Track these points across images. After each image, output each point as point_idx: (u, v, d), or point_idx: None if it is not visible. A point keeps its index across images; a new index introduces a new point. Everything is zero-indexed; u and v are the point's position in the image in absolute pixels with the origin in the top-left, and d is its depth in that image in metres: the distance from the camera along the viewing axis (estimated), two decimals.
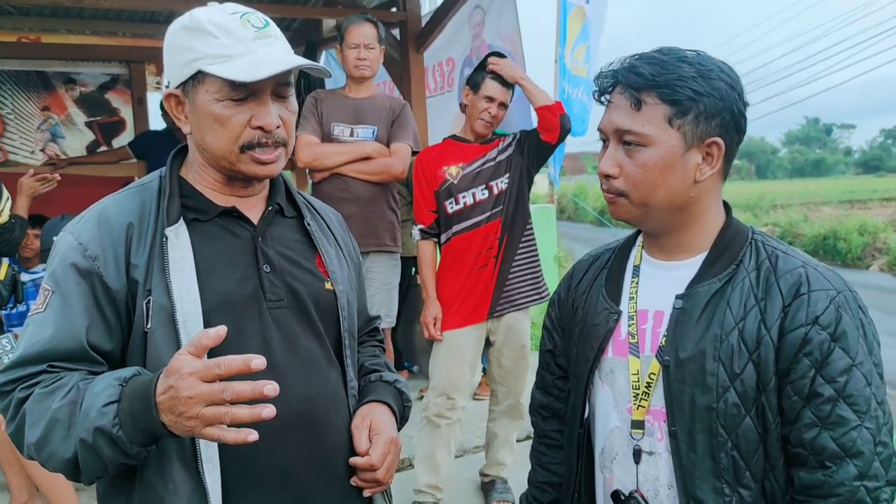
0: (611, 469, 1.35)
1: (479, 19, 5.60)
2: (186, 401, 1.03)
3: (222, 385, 1.03)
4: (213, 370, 1.02)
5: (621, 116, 1.21)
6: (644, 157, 1.20)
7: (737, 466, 1.20)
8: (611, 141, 1.24)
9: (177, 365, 1.05)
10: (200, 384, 1.02)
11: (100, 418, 1.07)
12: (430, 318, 3.22)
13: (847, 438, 1.14)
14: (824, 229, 15.43)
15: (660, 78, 1.18)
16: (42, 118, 6.14)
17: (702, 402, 1.20)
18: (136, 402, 1.07)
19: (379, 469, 1.33)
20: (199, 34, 1.21)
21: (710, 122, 1.20)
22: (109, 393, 1.09)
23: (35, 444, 1.13)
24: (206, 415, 1.03)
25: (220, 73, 1.18)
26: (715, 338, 1.20)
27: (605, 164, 1.24)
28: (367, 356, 1.55)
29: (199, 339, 1.06)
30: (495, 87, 3.10)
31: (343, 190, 3.43)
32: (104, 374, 1.15)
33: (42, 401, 1.13)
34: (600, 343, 1.35)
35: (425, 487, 3.21)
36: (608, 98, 1.26)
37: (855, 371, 1.14)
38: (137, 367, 1.15)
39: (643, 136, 1.19)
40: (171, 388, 1.04)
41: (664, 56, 1.21)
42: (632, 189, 1.23)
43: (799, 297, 1.17)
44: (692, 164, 1.21)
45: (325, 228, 1.46)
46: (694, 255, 1.28)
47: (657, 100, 1.19)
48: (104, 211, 1.25)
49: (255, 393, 1.02)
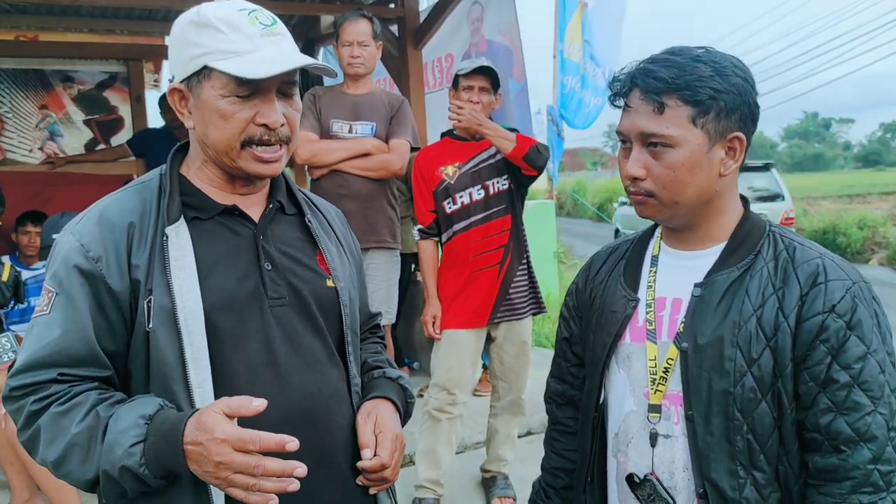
0: (626, 453, 1.37)
1: (478, 14, 5.60)
2: (217, 465, 1.07)
3: (255, 460, 1.07)
4: (248, 446, 1.06)
5: (644, 120, 1.24)
6: (671, 157, 1.23)
7: (751, 450, 1.24)
8: (634, 144, 1.27)
9: (210, 424, 1.08)
10: (233, 453, 1.06)
11: (126, 458, 1.09)
12: (429, 317, 3.23)
13: (862, 423, 1.17)
14: (824, 223, 15.40)
15: (679, 80, 1.21)
16: (40, 116, 6.12)
17: (719, 386, 1.24)
18: (163, 446, 1.10)
19: (389, 467, 1.33)
20: (207, 29, 1.21)
21: (730, 118, 1.23)
22: (135, 433, 1.10)
23: (53, 463, 1.15)
24: (234, 481, 1.08)
25: (227, 69, 1.18)
26: (733, 324, 1.24)
27: (632, 166, 1.27)
28: (369, 353, 1.55)
29: (237, 406, 1.09)
30: (469, 78, 3.09)
31: (342, 186, 3.42)
32: (126, 408, 1.15)
33: (58, 420, 1.14)
34: (618, 329, 1.38)
35: (426, 483, 3.21)
36: (626, 102, 1.28)
37: (870, 358, 1.18)
38: (160, 401, 1.16)
39: (669, 137, 1.22)
40: (200, 446, 1.07)
41: (678, 57, 1.24)
42: (661, 189, 1.26)
43: (816, 287, 1.21)
44: (717, 160, 1.25)
45: (326, 225, 1.46)
46: (712, 245, 1.32)
47: (679, 102, 1.22)
48: (105, 210, 1.25)
49: (284, 472, 1.08)
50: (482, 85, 3.09)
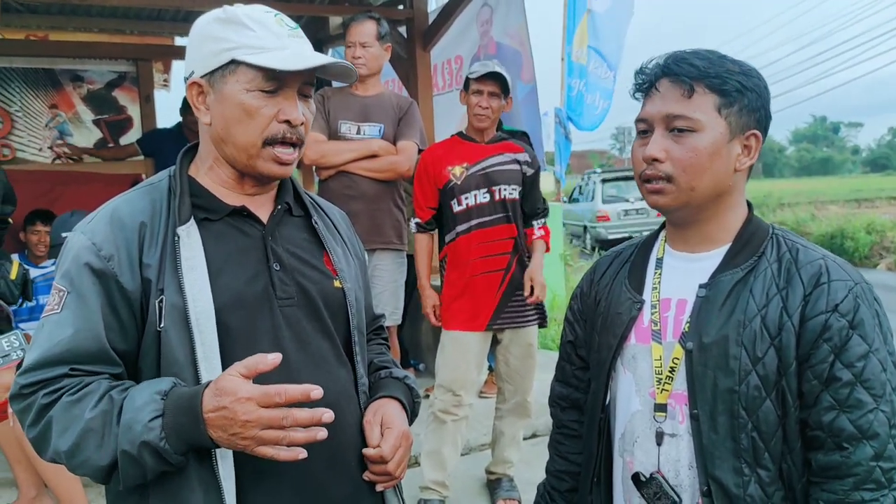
0: (632, 452, 1.39)
1: (487, 17, 5.60)
2: (244, 423, 1.09)
3: (283, 412, 1.10)
4: (274, 398, 1.09)
5: (672, 104, 1.27)
6: (694, 141, 1.26)
7: (756, 447, 1.25)
8: (657, 128, 1.29)
9: (230, 387, 1.09)
10: (260, 410, 1.09)
11: (146, 433, 1.10)
12: (429, 309, 3.27)
13: (864, 420, 1.19)
14: (831, 228, 15.36)
15: (711, 70, 1.25)
16: (50, 115, 6.16)
17: (724, 384, 1.26)
18: (182, 417, 1.11)
19: (389, 461, 1.33)
20: (236, 26, 1.23)
21: (751, 116, 1.28)
22: (153, 408, 1.12)
23: (66, 452, 1.15)
24: (263, 437, 1.10)
25: (258, 61, 1.20)
26: (738, 323, 1.26)
27: (653, 147, 1.28)
28: (374, 353, 1.56)
29: (255, 363, 1.11)
30: (479, 82, 3.10)
31: (349, 187, 3.43)
32: (139, 387, 1.16)
33: (71, 409, 1.14)
34: (623, 330, 1.40)
35: (431, 484, 3.22)
36: (654, 88, 1.30)
37: (871, 357, 1.20)
38: (173, 378, 1.17)
39: (695, 121, 1.25)
40: (224, 409, 1.09)
41: (707, 53, 1.29)
42: (680, 173, 1.27)
43: (819, 287, 1.23)
44: (734, 153, 1.28)
45: (332, 227, 1.47)
46: (717, 247, 1.34)
47: (707, 89, 1.25)
48: (116, 210, 1.26)
49: (313, 420, 1.11)
50: (491, 90, 3.09)
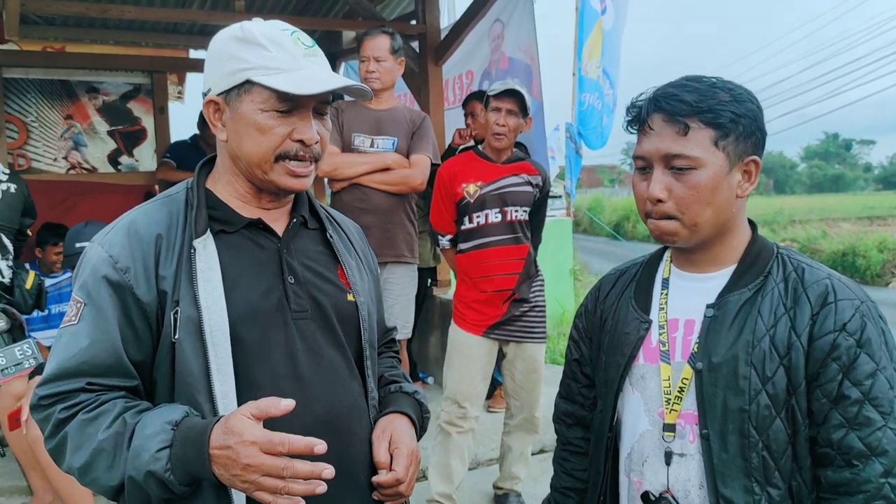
0: (640, 472, 1.38)
1: (499, 32, 5.63)
2: (245, 467, 1.08)
3: (284, 462, 1.08)
4: (277, 448, 1.07)
5: (669, 142, 1.26)
6: (695, 178, 1.26)
7: (766, 466, 1.25)
8: (656, 166, 1.29)
9: (238, 427, 1.09)
10: (262, 455, 1.07)
11: (152, 463, 1.10)
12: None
13: (873, 438, 1.20)
14: (843, 245, 15.29)
15: (703, 104, 1.25)
16: (65, 126, 6.21)
17: (734, 404, 1.26)
18: (189, 451, 1.11)
19: (405, 482, 1.34)
20: (251, 46, 1.24)
21: (747, 142, 1.28)
22: (162, 438, 1.12)
23: (79, 469, 1.16)
24: (262, 483, 1.08)
25: (272, 84, 1.21)
26: (747, 343, 1.26)
27: (655, 188, 1.28)
28: (385, 367, 1.57)
29: (266, 406, 1.10)
30: (498, 99, 3.11)
31: (362, 200, 3.45)
32: (152, 413, 1.16)
33: (86, 427, 1.16)
34: (631, 350, 1.40)
35: (438, 497, 3.21)
36: (647, 126, 1.30)
37: (879, 375, 1.22)
38: (186, 408, 1.17)
39: (694, 159, 1.25)
40: (228, 449, 1.08)
41: (696, 84, 1.28)
42: (683, 211, 1.28)
43: (827, 306, 1.24)
44: (734, 182, 1.29)
45: (346, 241, 1.48)
46: (723, 267, 1.35)
47: (702, 124, 1.25)
48: (133, 222, 1.27)
49: (312, 474, 1.09)
50: (510, 108, 3.10)
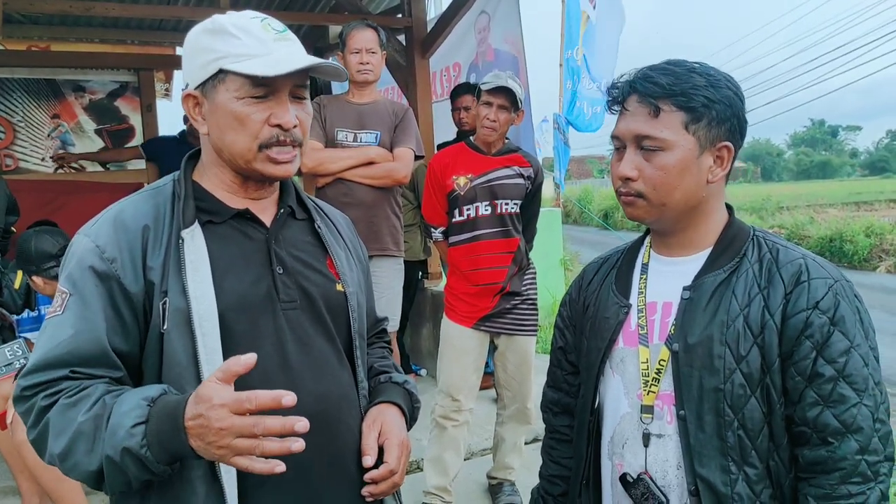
0: (621, 454, 1.40)
1: (485, 24, 5.64)
2: (217, 431, 1.05)
3: (254, 419, 1.05)
4: (244, 405, 1.05)
5: (640, 123, 1.29)
6: (663, 160, 1.28)
7: (743, 445, 1.27)
8: (629, 146, 1.32)
9: (207, 393, 1.07)
10: (232, 417, 1.05)
11: (128, 439, 1.08)
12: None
13: (848, 415, 1.22)
14: (830, 231, 15.34)
15: (676, 87, 1.27)
16: (52, 126, 6.20)
17: (709, 383, 1.28)
18: (164, 425, 1.09)
19: (397, 472, 1.34)
20: (221, 35, 1.25)
21: (720, 128, 1.29)
22: (138, 413, 1.10)
23: (59, 455, 1.14)
24: (236, 446, 1.06)
25: (242, 69, 1.21)
26: (721, 324, 1.28)
27: (625, 167, 1.31)
28: (375, 357, 1.57)
29: (228, 366, 1.07)
30: (490, 94, 3.12)
31: (346, 195, 3.44)
32: (130, 392, 1.15)
33: (66, 412, 1.14)
34: (611, 334, 1.42)
35: (434, 489, 3.23)
36: (623, 106, 1.33)
37: (853, 352, 1.23)
38: (164, 386, 1.16)
39: (662, 140, 1.27)
40: (200, 417, 1.06)
41: (675, 67, 1.30)
42: (651, 190, 1.30)
43: (800, 285, 1.26)
44: (705, 167, 1.30)
45: (335, 231, 1.49)
46: (699, 250, 1.37)
47: (673, 107, 1.27)
48: (120, 213, 1.27)
49: (285, 429, 1.05)
50: (501, 103, 3.10)
